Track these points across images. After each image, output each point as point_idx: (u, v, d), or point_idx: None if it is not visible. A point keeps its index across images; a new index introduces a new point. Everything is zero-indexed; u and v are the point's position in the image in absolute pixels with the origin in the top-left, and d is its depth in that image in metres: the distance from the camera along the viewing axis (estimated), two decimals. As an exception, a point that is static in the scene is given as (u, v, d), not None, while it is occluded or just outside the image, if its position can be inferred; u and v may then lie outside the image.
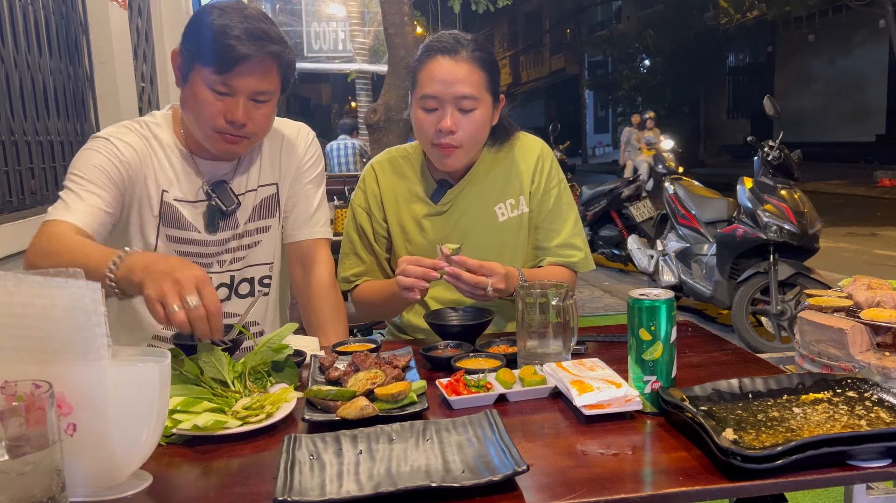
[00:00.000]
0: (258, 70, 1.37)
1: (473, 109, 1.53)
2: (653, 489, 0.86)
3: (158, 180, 1.48)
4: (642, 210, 6.23)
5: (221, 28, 1.34)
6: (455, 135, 1.53)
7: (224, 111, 1.38)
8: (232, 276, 1.57)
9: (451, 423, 1.01)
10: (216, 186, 1.51)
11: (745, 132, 9.37)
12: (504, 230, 1.67)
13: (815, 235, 4.07)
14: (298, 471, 0.90)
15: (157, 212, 1.48)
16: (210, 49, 1.34)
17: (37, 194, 2.81)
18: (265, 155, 1.59)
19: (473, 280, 1.41)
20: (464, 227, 1.66)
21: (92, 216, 1.36)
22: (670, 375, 1.09)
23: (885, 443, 0.89)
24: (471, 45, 1.54)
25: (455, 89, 1.50)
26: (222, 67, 1.34)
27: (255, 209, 1.58)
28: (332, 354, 1.32)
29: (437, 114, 1.53)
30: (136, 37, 4.06)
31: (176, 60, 1.43)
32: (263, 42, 1.36)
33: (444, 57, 1.52)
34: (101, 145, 1.43)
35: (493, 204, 1.67)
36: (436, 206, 1.66)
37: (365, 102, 9.99)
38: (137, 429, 0.88)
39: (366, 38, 10.07)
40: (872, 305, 1.27)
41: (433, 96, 1.52)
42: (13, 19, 2.64)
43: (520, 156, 1.70)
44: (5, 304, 0.85)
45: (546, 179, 1.69)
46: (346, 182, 5.52)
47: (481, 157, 1.68)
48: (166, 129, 1.51)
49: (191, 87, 1.39)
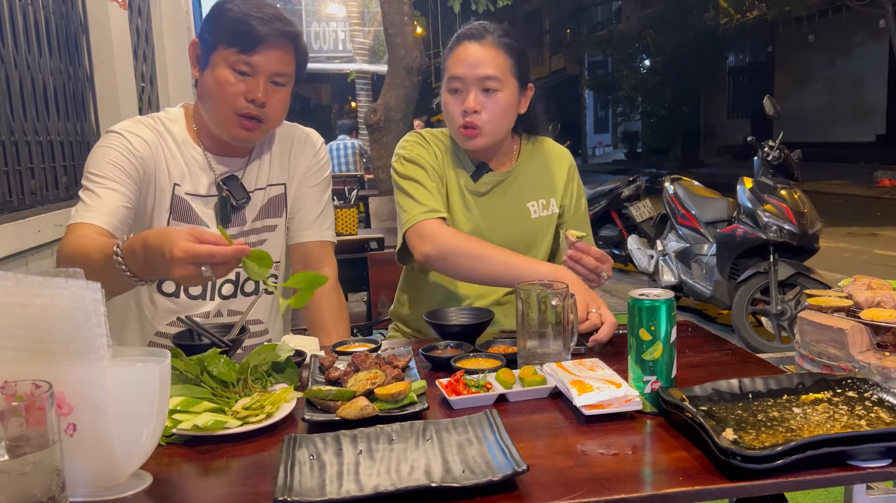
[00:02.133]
0: (278, 51, 1.43)
1: (497, 91, 1.57)
2: (653, 489, 0.86)
3: (171, 174, 1.50)
4: (642, 210, 6.22)
5: (244, 11, 1.41)
6: (479, 114, 1.57)
7: (245, 91, 1.42)
8: (238, 274, 1.58)
9: (451, 423, 1.01)
10: (228, 180, 1.53)
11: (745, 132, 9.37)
12: (535, 227, 1.72)
13: (815, 235, 4.07)
14: (298, 471, 0.90)
15: (168, 205, 1.49)
16: (233, 30, 1.41)
17: (37, 194, 2.81)
18: (275, 153, 1.62)
19: (593, 264, 1.46)
20: (499, 215, 1.69)
21: (111, 214, 1.39)
22: (670, 375, 1.09)
23: (885, 443, 0.89)
24: (498, 31, 1.61)
25: (478, 70, 1.56)
26: (246, 47, 1.40)
27: (263, 207, 1.59)
28: (332, 354, 1.32)
29: (462, 95, 1.59)
30: (136, 37, 4.06)
31: (194, 50, 1.48)
32: (283, 24, 1.43)
33: (470, 42, 1.59)
34: (114, 141, 1.45)
35: (526, 200, 1.71)
36: (475, 185, 1.69)
37: (365, 102, 9.99)
38: (137, 429, 0.88)
39: (366, 38, 10.07)
40: (872, 305, 1.27)
41: (458, 77, 1.58)
42: (13, 19, 2.64)
43: (553, 159, 1.76)
44: (5, 304, 0.84)
45: (577, 188, 1.78)
46: (346, 182, 5.52)
47: (522, 150, 1.73)
48: (180, 124, 1.54)
49: (211, 70, 1.43)
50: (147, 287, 1.52)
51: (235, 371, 1.18)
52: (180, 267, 1.10)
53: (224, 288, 1.56)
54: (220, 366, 1.17)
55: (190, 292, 1.54)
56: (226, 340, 1.30)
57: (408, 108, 5.99)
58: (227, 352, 1.26)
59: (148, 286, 1.52)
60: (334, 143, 8.71)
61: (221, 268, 1.13)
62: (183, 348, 1.23)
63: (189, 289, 1.54)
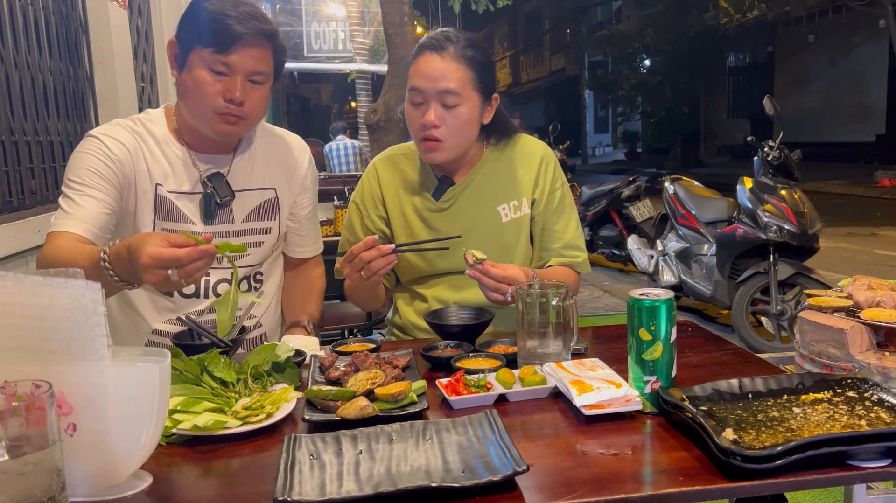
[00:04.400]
0: (254, 49, 1.42)
1: (457, 105, 1.55)
2: (653, 489, 0.86)
3: (152, 174, 1.50)
4: (642, 210, 6.22)
5: (219, 10, 1.40)
6: (438, 129, 1.55)
7: (223, 91, 1.42)
8: (232, 273, 1.58)
9: (451, 423, 1.01)
10: (213, 177, 1.54)
11: (745, 132, 9.37)
12: (507, 231, 1.68)
13: (815, 235, 4.07)
14: (298, 471, 0.90)
15: (152, 205, 1.50)
16: (209, 30, 1.40)
17: (37, 194, 2.81)
18: (264, 156, 1.62)
19: (493, 285, 1.45)
20: (466, 225, 1.66)
21: (91, 221, 1.40)
22: (670, 375, 1.09)
23: (885, 443, 0.89)
24: (461, 42, 1.56)
25: (438, 84, 1.53)
26: (221, 47, 1.39)
27: (254, 210, 1.60)
28: (332, 354, 1.32)
29: (422, 108, 1.56)
30: (136, 37, 4.06)
31: (172, 49, 1.47)
32: (259, 22, 1.42)
33: (431, 53, 1.56)
34: (91, 146, 1.46)
35: (495, 204, 1.68)
36: (437, 202, 1.67)
37: (365, 102, 9.98)
38: (137, 429, 0.88)
39: (366, 38, 10.06)
40: (872, 305, 1.27)
41: (418, 89, 1.56)
42: (13, 19, 2.64)
43: (522, 158, 1.71)
44: (5, 304, 0.85)
45: (551, 181, 1.71)
46: (345, 182, 5.51)
47: (484, 157, 1.69)
48: (160, 124, 1.54)
49: (189, 70, 1.43)
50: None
51: (235, 371, 1.19)
52: (149, 272, 1.15)
53: (219, 287, 1.56)
54: (220, 367, 1.17)
55: (183, 291, 1.55)
56: (226, 340, 1.30)
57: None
58: (227, 352, 1.26)
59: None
60: (333, 143, 8.70)
61: (191, 270, 1.15)
62: (183, 348, 1.23)
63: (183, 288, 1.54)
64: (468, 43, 1.57)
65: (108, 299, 1.54)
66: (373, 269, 1.40)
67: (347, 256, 1.42)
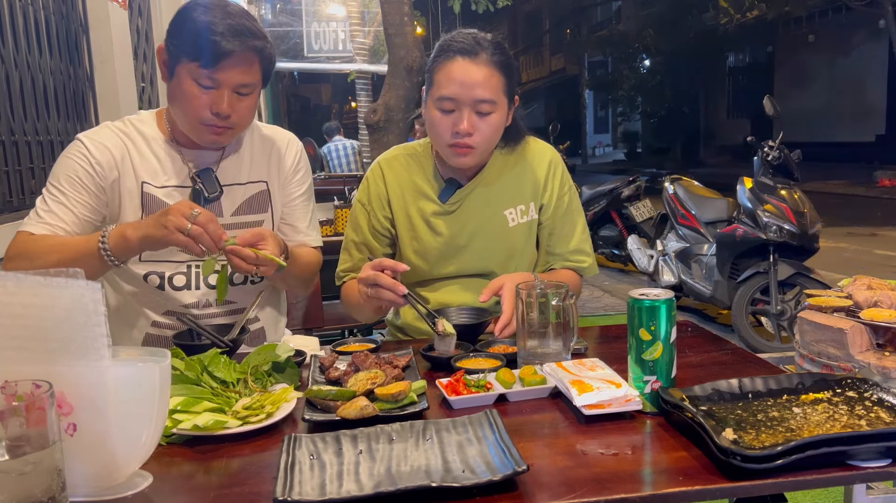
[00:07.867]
0: (241, 64, 1.42)
1: (491, 113, 1.52)
2: (653, 489, 0.86)
3: (137, 173, 1.51)
4: (642, 210, 6.22)
5: (206, 25, 1.39)
6: (472, 137, 1.52)
7: (209, 104, 1.43)
8: (223, 266, 1.58)
9: (451, 423, 1.01)
10: (202, 173, 1.55)
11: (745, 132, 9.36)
12: (514, 235, 1.67)
13: (815, 235, 4.07)
14: (298, 471, 0.90)
15: (138, 203, 1.51)
16: (195, 45, 1.40)
17: (37, 194, 2.79)
18: (255, 151, 1.63)
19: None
20: (472, 228, 1.65)
21: (60, 230, 1.45)
22: (670, 375, 1.09)
23: (885, 443, 0.89)
24: (490, 47, 1.52)
25: (474, 93, 1.49)
26: (207, 62, 1.40)
27: (244, 203, 1.61)
28: (332, 354, 1.32)
29: (454, 116, 1.52)
30: (136, 37, 4.06)
31: (161, 56, 1.48)
32: (246, 38, 1.41)
33: (463, 58, 1.50)
34: (75, 150, 1.51)
35: (503, 208, 1.66)
36: (444, 205, 1.66)
37: (365, 102, 9.98)
38: (137, 429, 0.88)
39: (366, 38, 10.06)
40: (872, 305, 1.27)
41: (451, 98, 1.50)
42: (13, 19, 2.64)
43: (531, 161, 1.69)
44: (5, 304, 0.85)
45: (559, 185, 1.70)
46: (346, 182, 5.52)
47: (492, 159, 1.68)
48: (150, 125, 1.56)
49: (177, 81, 1.44)
50: (133, 279, 1.54)
51: (235, 371, 1.19)
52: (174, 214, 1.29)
53: (210, 278, 1.57)
54: (221, 367, 1.17)
55: (174, 283, 1.55)
56: (226, 340, 1.30)
57: (408, 108, 6.00)
58: (228, 352, 1.27)
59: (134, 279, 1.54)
60: (331, 144, 8.70)
61: (204, 238, 1.30)
62: (183, 348, 1.23)
63: (174, 279, 1.55)
64: (496, 47, 1.53)
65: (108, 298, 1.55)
66: (380, 296, 1.40)
67: (376, 265, 1.42)
